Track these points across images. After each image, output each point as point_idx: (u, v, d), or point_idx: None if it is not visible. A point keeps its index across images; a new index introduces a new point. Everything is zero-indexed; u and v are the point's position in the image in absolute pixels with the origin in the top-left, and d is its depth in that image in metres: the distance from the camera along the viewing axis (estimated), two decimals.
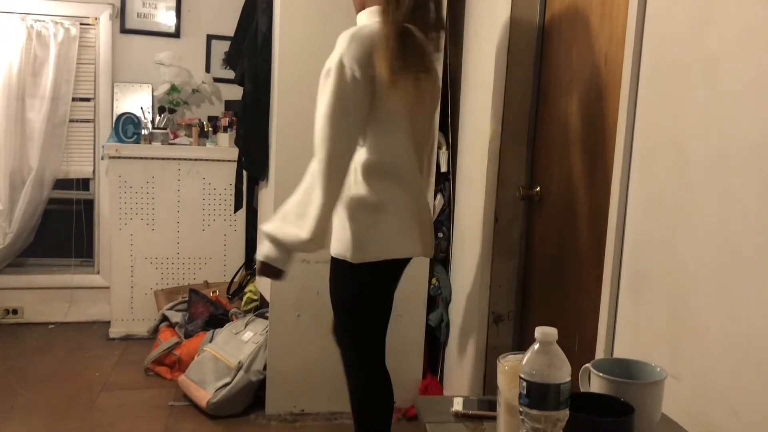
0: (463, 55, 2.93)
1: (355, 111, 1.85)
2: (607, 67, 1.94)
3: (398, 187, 1.95)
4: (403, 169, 1.96)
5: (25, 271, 4.07)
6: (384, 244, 1.94)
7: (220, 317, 3.45)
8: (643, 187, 1.59)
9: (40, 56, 3.88)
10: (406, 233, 1.97)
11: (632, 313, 1.62)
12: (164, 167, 3.78)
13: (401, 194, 1.96)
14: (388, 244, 1.95)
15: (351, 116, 1.85)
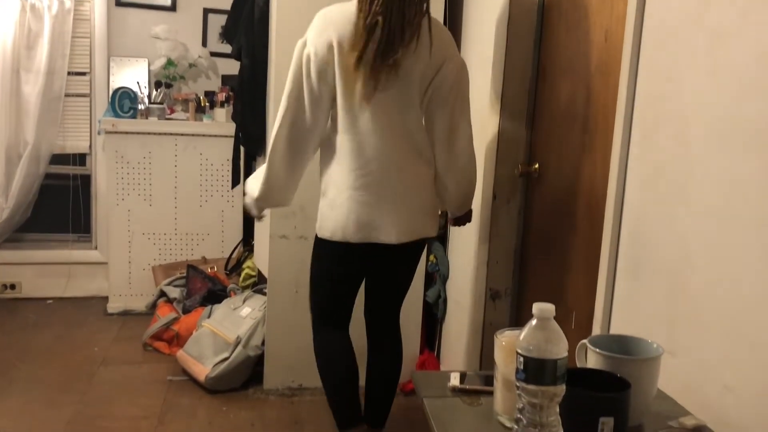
0: (463, 32, 2.90)
1: (307, 88, 1.98)
2: (608, 44, 1.93)
3: (339, 171, 2.02)
4: (349, 153, 2.00)
5: (22, 247, 4.07)
6: (322, 223, 2.10)
7: (218, 293, 3.46)
8: (643, 163, 1.59)
9: (35, 29, 3.84)
10: (335, 218, 2.04)
11: (629, 290, 1.63)
12: (161, 142, 3.77)
13: (340, 178, 2.02)
14: (324, 224, 2.09)
15: (300, 92, 2.00)
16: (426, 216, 2.11)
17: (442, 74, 2.01)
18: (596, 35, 2.01)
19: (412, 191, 2.05)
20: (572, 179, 2.13)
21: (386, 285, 2.24)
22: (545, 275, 2.34)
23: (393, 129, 2.00)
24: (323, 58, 1.96)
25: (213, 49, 4.09)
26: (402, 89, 1.98)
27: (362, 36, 1.92)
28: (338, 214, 2.03)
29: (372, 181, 1.99)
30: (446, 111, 2.04)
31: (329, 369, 2.23)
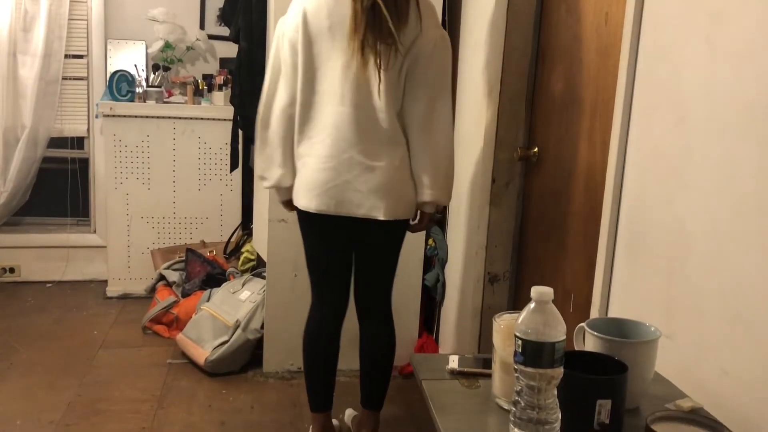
0: (462, 15, 2.88)
1: (284, 65, 2.05)
2: (608, 27, 1.92)
3: (308, 143, 2.05)
4: (316, 127, 2.03)
5: (21, 230, 4.07)
6: (295, 193, 2.12)
7: (217, 276, 3.46)
8: (642, 147, 1.59)
9: (31, 12, 3.80)
10: (305, 188, 2.06)
11: (628, 274, 1.63)
12: (159, 126, 3.75)
13: (309, 150, 2.05)
14: (296, 194, 2.11)
15: (278, 69, 2.07)
16: (401, 197, 2.06)
17: (416, 49, 1.98)
18: (596, 17, 1.99)
19: (390, 170, 2.03)
20: (571, 163, 2.13)
21: (367, 264, 2.23)
22: (544, 259, 2.34)
23: (362, 106, 1.99)
24: (296, 34, 2.00)
25: (211, 31, 4.06)
26: (396, 67, 1.98)
27: (361, 21, 1.92)
28: (309, 183, 2.04)
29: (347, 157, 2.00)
30: (422, 88, 2.01)
31: (309, 351, 2.26)
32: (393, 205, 2.03)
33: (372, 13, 1.92)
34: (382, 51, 1.94)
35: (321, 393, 2.27)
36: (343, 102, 1.99)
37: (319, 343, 2.25)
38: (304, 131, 2.05)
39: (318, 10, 1.98)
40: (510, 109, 2.48)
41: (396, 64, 1.98)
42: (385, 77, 1.96)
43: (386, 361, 2.29)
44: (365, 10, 1.92)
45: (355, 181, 2.00)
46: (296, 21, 2.00)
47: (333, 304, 2.24)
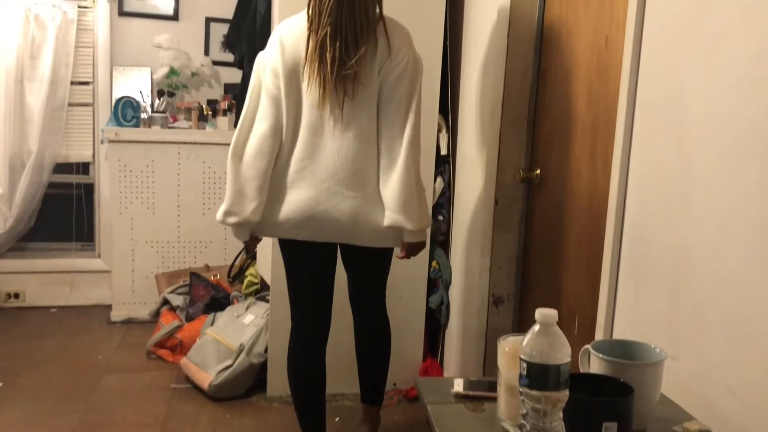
0: (463, 38, 2.91)
1: (265, 94, 2.05)
2: (608, 50, 1.94)
3: (288, 172, 2.05)
4: (296, 156, 2.03)
5: (26, 255, 4.08)
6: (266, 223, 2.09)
7: (221, 300, 3.46)
8: (644, 168, 1.59)
9: (39, 39, 3.86)
10: (285, 216, 2.04)
11: (632, 294, 1.63)
12: (164, 151, 3.78)
13: (289, 180, 2.04)
14: (275, 223, 2.08)
15: (256, 101, 2.07)
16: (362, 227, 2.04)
17: (387, 67, 1.98)
18: (596, 40, 2.02)
19: (368, 200, 2.02)
20: (574, 184, 2.14)
21: (358, 277, 2.25)
22: (548, 280, 2.34)
23: (339, 135, 2.00)
24: (274, 63, 2.02)
25: (215, 57, 4.11)
26: (363, 96, 1.98)
27: (316, 53, 1.94)
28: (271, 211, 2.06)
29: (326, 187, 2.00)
30: (391, 107, 1.99)
31: (296, 378, 2.23)
32: (371, 234, 2.04)
33: (326, 46, 1.93)
34: (343, 82, 1.94)
35: (311, 420, 2.24)
36: (321, 132, 2.00)
37: (306, 369, 2.22)
38: (286, 161, 2.05)
39: (295, 42, 2.00)
40: (512, 131, 2.49)
41: (367, 91, 1.98)
42: (354, 106, 1.97)
43: (382, 352, 2.30)
44: (318, 44, 1.94)
45: (333, 211, 2.00)
46: (276, 53, 2.02)
47: (316, 328, 2.22)
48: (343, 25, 1.92)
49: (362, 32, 1.94)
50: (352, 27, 1.92)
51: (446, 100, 2.98)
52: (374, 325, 2.33)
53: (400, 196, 1.97)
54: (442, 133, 2.96)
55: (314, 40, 1.95)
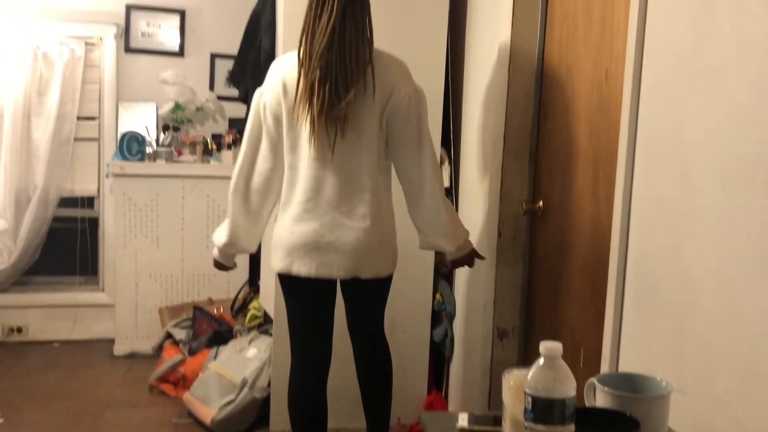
0: (464, 72, 2.95)
1: (266, 132, 2.09)
2: (608, 83, 1.96)
3: (290, 206, 2.08)
4: (299, 190, 2.06)
5: (29, 290, 4.08)
6: (274, 255, 2.13)
7: (224, 334, 3.45)
8: (646, 199, 1.60)
9: (46, 76, 3.92)
10: (287, 250, 2.07)
11: (637, 326, 1.62)
12: (168, 185, 3.80)
13: (281, 216, 2.11)
14: (275, 257, 2.12)
15: (257, 138, 2.11)
16: (384, 255, 2.12)
17: (391, 104, 2.02)
18: (597, 74, 2.04)
19: (372, 230, 2.05)
20: (576, 216, 2.14)
21: (356, 310, 2.26)
22: (552, 313, 2.33)
23: (345, 172, 2.03)
24: (276, 102, 2.05)
25: (220, 92, 4.16)
26: (355, 134, 2.02)
27: (305, 95, 1.97)
28: (277, 247, 2.09)
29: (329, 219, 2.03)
30: (405, 142, 2.06)
31: (297, 414, 2.21)
32: (375, 265, 2.08)
33: (315, 89, 1.96)
34: (333, 123, 1.98)
35: None
36: (323, 165, 2.03)
37: (307, 404, 2.20)
38: (287, 195, 2.09)
39: (294, 83, 2.02)
40: (514, 163, 2.51)
41: (362, 131, 2.02)
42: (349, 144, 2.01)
43: (384, 379, 2.28)
44: (308, 87, 1.97)
45: (337, 242, 2.03)
46: (277, 91, 2.05)
47: (317, 361, 2.21)
48: (333, 68, 1.95)
49: (352, 75, 1.97)
50: (342, 70, 1.96)
51: (448, 133, 3.00)
52: (374, 352, 2.31)
53: (436, 223, 2.12)
54: (444, 165, 2.98)
55: (305, 82, 1.98)
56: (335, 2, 1.94)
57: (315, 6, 1.97)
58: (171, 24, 4.10)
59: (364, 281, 2.09)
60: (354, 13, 1.97)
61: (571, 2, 2.21)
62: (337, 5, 1.94)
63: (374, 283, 2.13)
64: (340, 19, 1.94)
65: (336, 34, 1.94)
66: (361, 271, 2.07)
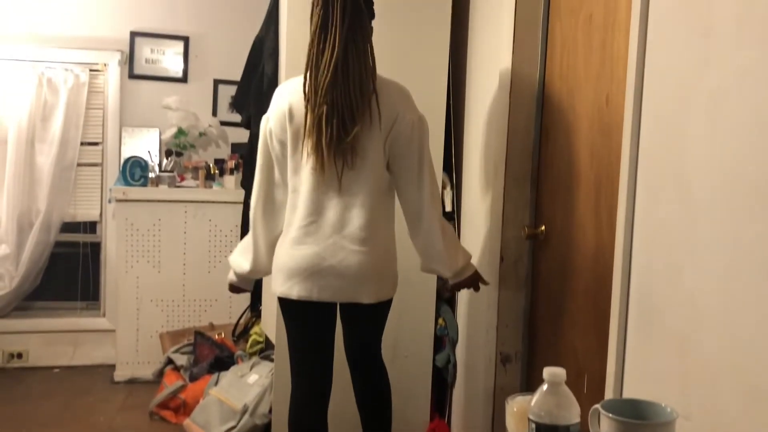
0: (466, 97, 2.97)
1: (276, 159, 2.12)
2: (609, 107, 1.97)
3: (293, 229, 2.08)
4: (302, 213, 2.07)
5: (30, 315, 4.07)
6: (274, 279, 2.14)
7: (225, 360, 3.43)
8: (648, 224, 1.60)
9: (50, 102, 3.95)
10: (287, 274, 2.07)
11: (641, 351, 1.61)
12: (171, 210, 3.81)
13: (282, 239, 2.12)
14: (275, 280, 2.13)
15: (269, 165, 2.14)
16: (385, 279, 2.13)
17: (395, 131, 2.05)
18: (597, 98, 2.05)
19: (374, 254, 2.06)
20: (579, 240, 2.14)
21: (354, 335, 2.26)
22: (556, 338, 2.32)
23: (348, 196, 2.04)
24: (281, 127, 2.07)
25: (223, 118, 4.18)
26: (360, 161, 2.03)
27: (313, 131, 1.99)
28: (278, 271, 2.10)
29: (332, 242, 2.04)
30: (406, 168, 2.08)
31: None
32: (376, 289, 2.08)
33: (323, 124, 1.98)
34: (341, 154, 2.00)
35: None
36: (326, 193, 2.04)
37: (308, 429, 2.18)
38: (288, 218, 2.10)
39: (300, 110, 2.04)
40: (515, 187, 2.51)
41: (368, 159, 2.03)
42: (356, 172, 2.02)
43: (382, 404, 2.26)
44: (315, 122, 1.98)
45: (339, 266, 2.03)
46: (282, 116, 2.07)
47: (318, 386, 2.19)
48: (339, 103, 1.97)
49: (358, 108, 1.99)
50: (348, 104, 1.97)
51: (450, 157, 3.01)
52: (372, 377, 2.29)
53: (433, 249, 2.12)
54: (446, 190, 2.99)
55: (311, 117, 2.00)
56: (337, 35, 1.96)
57: (317, 42, 1.99)
58: (175, 50, 4.14)
59: (364, 305, 2.09)
60: (356, 42, 1.99)
61: (572, 28, 2.23)
62: (339, 38, 1.96)
63: (374, 307, 2.12)
64: (342, 52, 1.96)
65: (339, 69, 1.96)
66: (362, 296, 2.06)
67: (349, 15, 1.97)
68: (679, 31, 1.49)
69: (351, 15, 1.97)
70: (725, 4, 1.34)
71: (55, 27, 3.98)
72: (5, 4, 3.92)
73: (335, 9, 1.96)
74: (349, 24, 1.97)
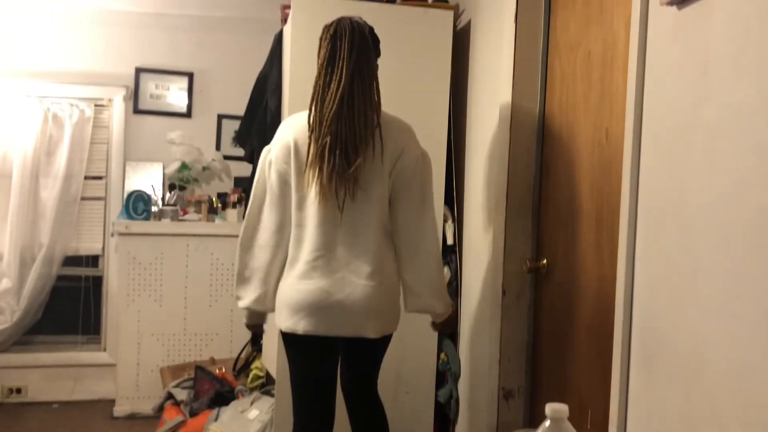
0: (467, 131, 2.99)
1: (269, 191, 2.11)
2: (609, 142, 1.98)
3: (299, 264, 2.07)
4: (308, 248, 2.06)
5: (30, 349, 4.04)
6: (278, 314, 2.12)
7: (225, 394, 3.40)
8: (650, 257, 1.60)
9: (55, 136, 3.98)
10: (293, 309, 2.05)
11: (644, 388, 1.59)
12: (173, 243, 3.82)
13: (287, 274, 2.10)
14: (279, 315, 2.11)
15: (262, 197, 2.15)
16: (390, 314, 2.13)
17: (397, 169, 2.06)
18: (597, 133, 2.07)
19: (381, 288, 2.06)
20: (581, 274, 2.13)
21: (353, 371, 2.24)
22: (558, 373, 2.30)
23: (354, 231, 2.05)
24: (283, 160, 2.08)
25: (226, 152, 4.21)
26: (364, 195, 2.04)
27: (316, 161, 2.00)
28: (282, 306, 2.09)
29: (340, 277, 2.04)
30: (401, 200, 2.09)
31: None
32: (382, 323, 2.08)
33: (326, 155, 1.99)
34: (343, 185, 2.00)
35: None
36: (333, 224, 2.04)
37: None
38: (293, 253, 2.09)
39: (305, 145, 2.05)
40: (517, 221, 2.52)
41: (371, 192, 2.04)
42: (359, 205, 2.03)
43: None
44: (318, 153, 2.00)
45: (346, 301, 2.02)
46: (287, 149, 2.07)
47: (321, 422, 2.17)
48: (342, 134, 1.98)
49: (361, 141, 2.01)
50: (351, 136, 1.99)
51: (451, 190, 3.03)
52: (369, 410, 2.27)
53: (429, 283, 2.12)
54: (448, 223, 2.99)
55: (315, 148, 2.01)
56: (344, 70, 1.98)
57: (324, 74, 2.01)
58: (179, 86, 4.18)
59: (368, 340, 2.08)
60: (362, 78, 2.02)
61: (570, 64, 2.26)
62: (346, 72, 1.98)
63: (377, 341, 2.11)
64: (349, 86, 1.99)
65: (344, 101, 1.98)
66: (368, 330, 2.05)
67: (357, 50, 2.00)
68: (677, 67, 1.51)
69: (358, 50, 2.00)
70: (722, 42, 1.36)
71: (61, 63, 4.03)
72: (13, 40, 3.98)
73: (343, 43, 1.99)
74: (357, 58, 2.00)
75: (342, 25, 2.02)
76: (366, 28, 2.06)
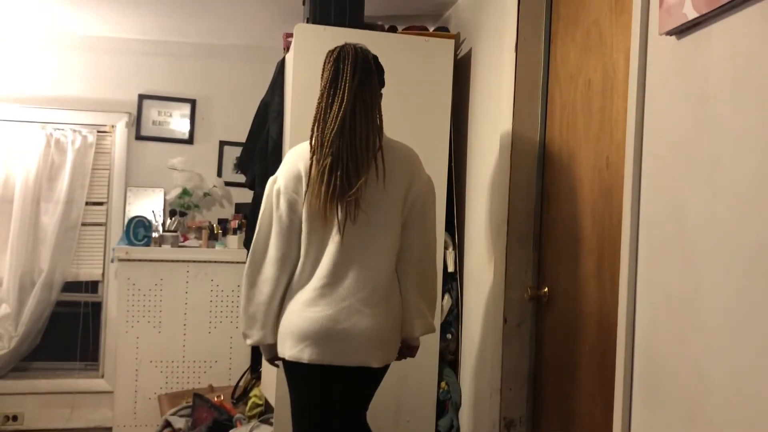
0: (467, 158, 3.00)
1: (276, 220, 2.07)
2: (609, 170, 1.99)
3: (305, 292, 2.05)
4: (300, 279, 2.05)
5: (27, 376, 4.01)
6: (281, 342, 2.08)
7: (224, 423, 3.35)
8: (651, 286, 1.59)
9: (57, 162, 4.00)
10: (297, 337, 2.02)
11: (647, 418, 1.57)
12: (173, 269, 3.80)
13: (292, 301, 2.07)
14: (282, 344, 2.08)
15: (269, 226, 2.09)
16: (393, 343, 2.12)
17: (412, 196, 2.08)
18: (597, 161, 2.07)
19: (386, 318, 2.06)
20: (582, 302, 2.12)
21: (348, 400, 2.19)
22: (560, 402, 2.27)
23: (362, 259, 2.04)
24: (292, 189, 2.06)
25: (227, 178, 4.22)
26: (369, 221, 2.03)
27: (317, 182, 2.00)
28: (286, 334, 2.06)
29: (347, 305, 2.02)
30: (415, 226, 2.11)
31: None
32: (385, 352, 2.07)
33: (325, 176, 1.98)
34: (344, 207, 1.99)
35: None
36: (341, 252, 2.02)
37: None
38: (299, 280, 2.07)
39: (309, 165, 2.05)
40: (518, 248, 2.51)
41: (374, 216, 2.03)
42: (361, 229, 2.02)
43: None
44: (320, 173, 1.99)
45: (352, 329, 2.00)
46: (295, 178, 2.06)
47: None
48: (344, 155, 1.98)
49: (363, 162, 2.00)
50: (353, 157, 1.99)
51: (452, 218, 3.02)
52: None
53: (432, 304, 2.18)
54: (449, 250, 2.98)
55: (316, 168, 2.01)
56: (346, 92, 2.00)
57: (326, 96, 2.02)
58: (182, 112, 4.21)
59: (371, 369, 2.05)
60: (364, 101, 2.02)
61: (571, 93, 2.28)
62: (348, 95, 1.99)
63: (378, 370, 2.09)
64: (351, 108, 1.99)
65: (346, 122, 1.99)
66: (372, 360, 2.03)
67: (360, 72, 2.01)
68: (677, 95, 1.52)
69: (361, 73, 2.02)
70: (720, 71, 1.37)
71: (64, 89, 4.07)
72: (17, 66, 4.02)
73: (346, 66, 2.01)
74: (359, 81, 2.01)
75: (345, 49, 2.04)
76: (369, 54, 2.08)
